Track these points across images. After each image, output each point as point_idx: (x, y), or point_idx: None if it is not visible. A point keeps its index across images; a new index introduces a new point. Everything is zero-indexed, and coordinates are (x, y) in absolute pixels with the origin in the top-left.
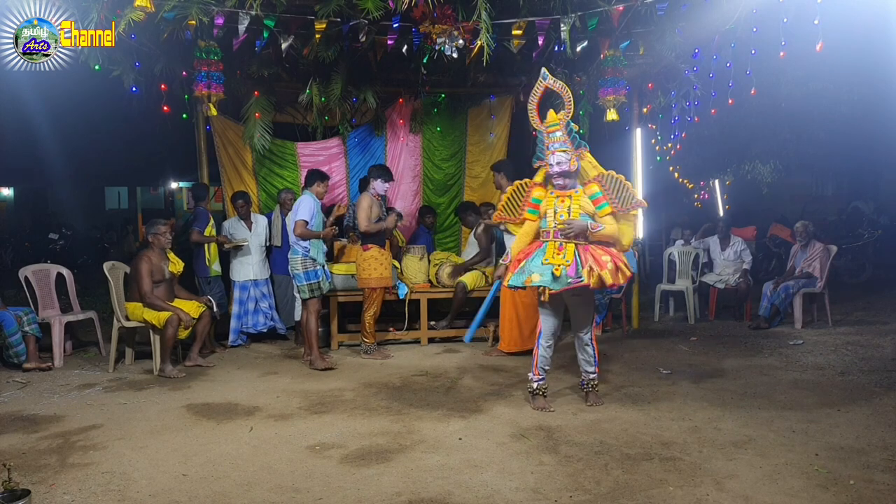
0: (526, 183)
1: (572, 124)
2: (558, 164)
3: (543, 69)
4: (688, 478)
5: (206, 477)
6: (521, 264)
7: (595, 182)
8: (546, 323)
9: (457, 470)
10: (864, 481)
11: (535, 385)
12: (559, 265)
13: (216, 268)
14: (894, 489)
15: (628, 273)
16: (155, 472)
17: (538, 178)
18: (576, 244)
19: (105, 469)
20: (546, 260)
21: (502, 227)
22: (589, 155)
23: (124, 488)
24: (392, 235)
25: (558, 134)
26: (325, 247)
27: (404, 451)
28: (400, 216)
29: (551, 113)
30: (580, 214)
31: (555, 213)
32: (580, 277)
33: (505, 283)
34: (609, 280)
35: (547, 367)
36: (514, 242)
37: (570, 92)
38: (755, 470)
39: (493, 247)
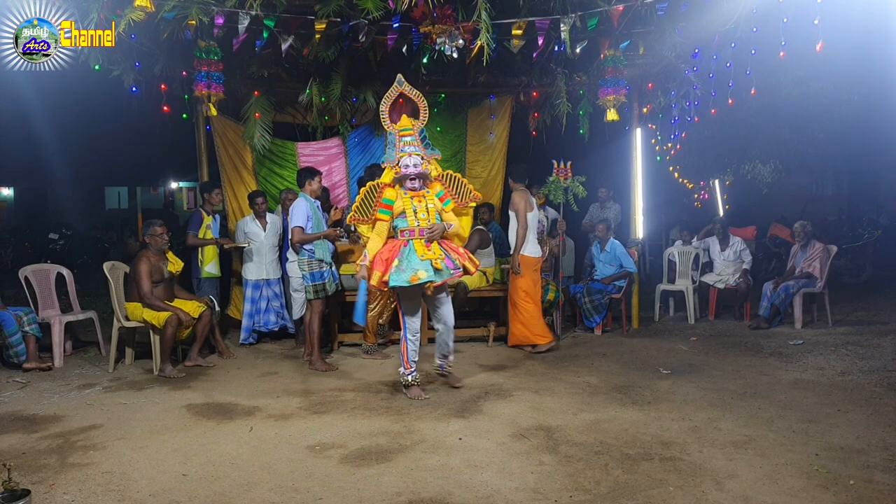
0: (377, 185)
1: (425, 131)
2: (414, 165)
3: (399, 75)
4: (688, 478)
5: (206, 477)
6: (396, 263)
7: (437, 181)
8: (414, 320)
9: (457, 470)
10: (864, 481)
11: (409, 378)
12: (437, 259)
13: (209, 269)
14: (894, 489)
15: (478, 262)
16: (155, 472)
17: (386, 178)
18: (437, 241)
19: (105, 469)
20: (422, 257)
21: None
22: (434, 161)
23: (124, 488)
24: None
25: (410, 139)
26: (331, 246)
27: (404, 451)
28: None
29: (404, 117)
30: (435, 213)
31: (415, 212)
32: (458, 268)
33: (375, 283)
34: (471, 269)
35: (416, 360)
36: (370, 242)
37: (425, 102)
38: (755, 470)
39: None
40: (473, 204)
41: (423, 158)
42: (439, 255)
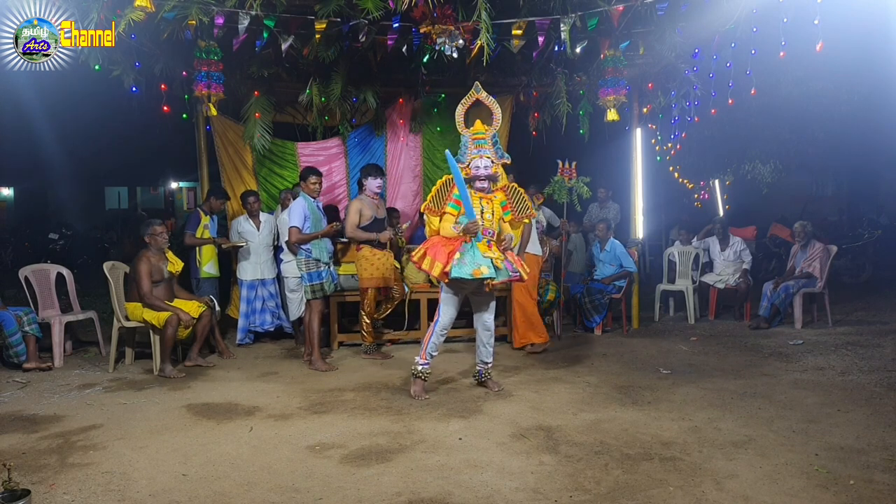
0: (451, 180)
1: (497, 136)
2: (485, 167)
3: (476, 82)
4: (688, 478)
5: (206, 477)
6: (458, 256)
7: (501, 191)
8: (448, 315)
9: (457, 470)
10: (864, 481)
11: (420, 368)
12: (497, 259)
13: (208, 269)
14: (894, 489)
15: (528, 270)
16: (155, 472)
17: None
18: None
19: (105, 469)
20: (484, 254)
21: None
22: (501, 168)
23: (124, 488)
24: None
25: (485, 142)
26: (330, 246)
27: (404, 451)
28: (396, 234)
29: (478, 122)
30: (499, 218)
31: (482, 213)
32: (516, 272)
33: (437, 275)
34: (524, 275)
35: (434, 354)
36: (442, 229)
37: (499, 108)
38: (755, 470)
39: None
40: (527, 220)
41: (493, 162)
42: (499, 255)
